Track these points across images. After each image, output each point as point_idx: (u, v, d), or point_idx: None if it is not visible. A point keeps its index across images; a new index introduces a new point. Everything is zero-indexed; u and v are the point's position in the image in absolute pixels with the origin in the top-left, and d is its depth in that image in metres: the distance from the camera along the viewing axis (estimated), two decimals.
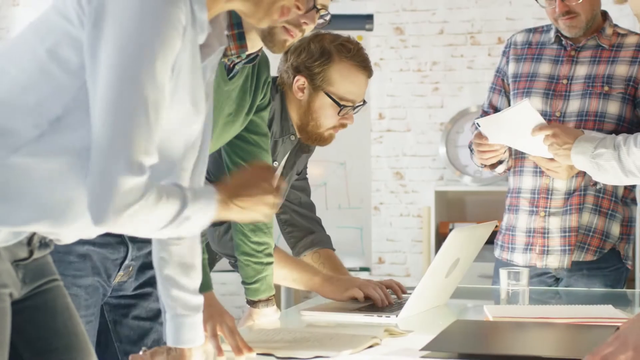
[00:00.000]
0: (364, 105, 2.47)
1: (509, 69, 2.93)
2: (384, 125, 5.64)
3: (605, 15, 2.82)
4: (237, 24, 2.08)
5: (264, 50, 2.19)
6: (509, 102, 2.93)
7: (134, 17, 1.50)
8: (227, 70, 2.15)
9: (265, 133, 2.36)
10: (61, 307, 1.74)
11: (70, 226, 1.62)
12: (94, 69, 1.52)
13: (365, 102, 2.48)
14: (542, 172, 2.79)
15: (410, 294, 2.33)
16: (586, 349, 1.68)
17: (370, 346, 1.89)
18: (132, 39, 1.50)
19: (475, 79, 5.43)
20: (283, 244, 2.69)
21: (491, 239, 2.95)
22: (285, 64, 2.49)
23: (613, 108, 2.76)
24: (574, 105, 2.78)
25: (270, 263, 2.36)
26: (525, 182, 2.88)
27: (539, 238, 2.84)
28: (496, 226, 2.95)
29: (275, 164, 2.50)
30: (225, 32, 1.75)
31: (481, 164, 2.83)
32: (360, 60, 2.44)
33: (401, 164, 5.72)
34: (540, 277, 2.86)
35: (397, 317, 2.24)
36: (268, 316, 2.35)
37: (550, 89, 2.83)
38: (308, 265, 2.57)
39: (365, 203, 5.54)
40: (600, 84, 2.77)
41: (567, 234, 2.80)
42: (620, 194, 2.81)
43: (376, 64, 5.55)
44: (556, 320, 2.14)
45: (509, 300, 2.44)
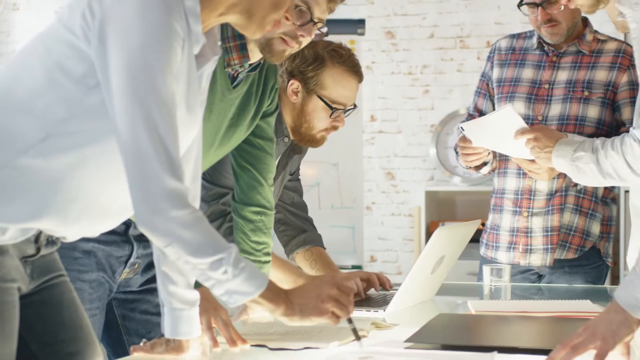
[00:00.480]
0: (354, 109, 2.53)
1: (493, 74, 2.98)
2: (375, 126, 5.67)
3: (585, 22, 2.88)
4: (239, 35, 2.11)
5: None
6: (493, 106, 2.99)
7: (136, 29, 1.56)
8: (231, 79, 2.18)
9: (271, 138, 2.39)
10: (67, 301, 1.80)
11: (74, 224, 1.69)
12: (107, 83, 1.58)
13: (356, 106, 2.53)
14: (525, 174, 2.85)
15: (397, 289, 2.38)
16: (562, 341, 1.73)
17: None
18: (138, 53, 1.56)
19: (464, 82, 5.44)
20: (275, 241, 2.75)
21: (477, 238, 3.02)
22: (280, 69, 2.53)
23: (593, 112, 2.82)
24: (555, 109, 2.84)
25: (267, 262, 2.40)
26: (509, 184, 2.93)
27: (522, 237, 2.90)
28: (482, 224, 3.03)
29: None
30: (218, 43, 1.81)
31: (466, 166, 2.89)
32: (352, 65, 2.48)
33: (392, 165, 5.73)
34: (524, 274, 2.93)
35: (385, 312, 2.29)
36: (260, 312, 2.40)
37: (532, 93, 2.88)
38: (294, 267, 2.61)
39: (358, 203, 5.53)
40: (580, 89, 2.83)
41: (549, 233, 2.86)
42: (600, 194, 2.88)
43: (368, 67, 5.58)
44: (536, 314, 2.20)
45: (491, 295, 2.50)
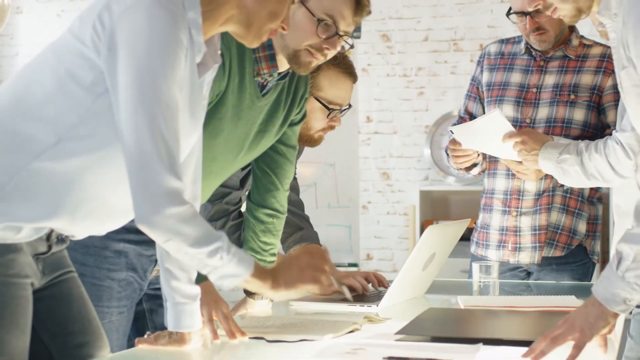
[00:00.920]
0: (349, 109, 2.58)
1: (483, 78, 3.04)
2: (371, 127, 5.69)
3: (572, 28, 2.93)
4: (268, 45, 2.19)
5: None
6: (483, 109, 3.05)
7: (144, 39, 1.64)
8: (260, 88, 2.24)
9: (294, 146, 2.45)
10: (76, 296, 1.90)
11: (84, 223, 1.78)
12: (115, 90, 1.67)
13: (351, 106, 2.59)
14: (514, 175, 2.91)
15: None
16: (544, 333, 1.81)
17: (351, 331, 2.03)
18: (145, 61, 1.64)
19: (458, 84, 5.45)
20: None
21: (468, 236, 3.11)
22: None
23: (579, 115, 2.88)
24: (542, 112, 2.91)
25: (272, 261, 2.46)
26: (498, 184, 3.00)
27: (512, 236, 2.96)
28: (474, 222, 3.12)
29: None
30: (218, 52, 1.89)
31: (456, 167, 2.95)
32: (346, 67, 2.54)
33: (388, 165, 5.74)
34: (513, 272, 3.00)
35: (377, 307, 2.36)
36: (261, 307, 2.48)
37: (520, 97, 2.94)
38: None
39: (354, 202, 5.57)
40: (567, 93, 2.89)
41: (537, 232, 2.93)
42: (587, 194, 2.95)
43: (364, 69, 5.61)
44: (522, 308, 2.28)
45: (480, 291, 2.57)
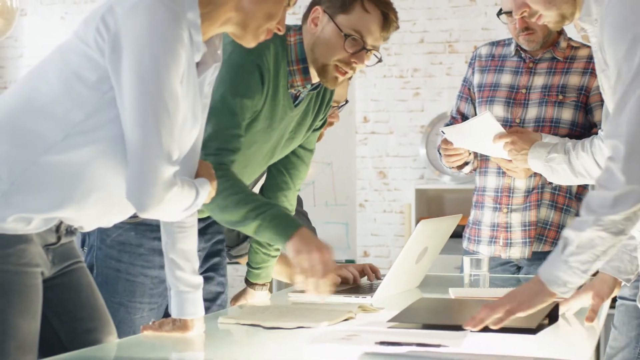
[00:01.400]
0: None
1: (474, 79, 3.14)
2: (368, 127, 5.73)
3: (560, 30, 3.01)
4: (302, 59, 2.29)
5: None
6: (474, 109, 3.14)
7: (147, 38, 1.73)
8: (293, 98, 2.34)
9: (312, 149, 2.54)
10: (84, 285, 1.99)
11: (90, 212, 1.87)
12: (119, 85, 1.76)
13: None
14: (505, 173, 3.00)
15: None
16: (527, 320, 1.93)
17: (346, 319, 2.11)
18: (149, 55, 1.73)
19: (453, 85, 5.47)
20: None
21: (461, 233, 3.20)
22: None
23: (567, 115, 2.97)
24: (532, 112, 3.00)
25: (275, 256, 2.56)
26: (489, 182, 3.09)
27: (502, 232, 3.05)
28: (466, 218, 3.19)
29: None
30: (219, 51, 1.97)
31: (449, 166, 3.04)
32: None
33: (384, 164, 5.79)
34: (504, 266, 3.09)
35: (372, 298, 2.43)
36: (260, 298, 2.57)
37: (511, 97, 3.04)
38: (289, 259, 2.76)
39: (351, 200, 5.62)
40: (555, 93, 2.99)
41: (527, 228, 3.02)
42: (575, 191, 3.04)
43: (361, 70, 5.61)
44: None
45: (471, 284, 2.66)
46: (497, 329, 1.92)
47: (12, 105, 1.83)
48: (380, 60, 2.35)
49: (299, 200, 2.88)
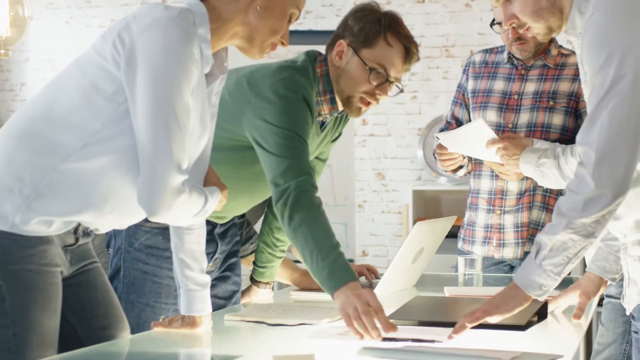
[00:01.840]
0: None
1: (468, 85, 3.23)
2: (367, 130, 5.77)
3: (551, 38, 3.12)
4: (330, 90, 2.38)
5: None
6: (469, 114, 3.23)
7: (161, 54, 1.83)
8: (320, 124, 2.44)
9: (326, 159, 2.62)
10: (100, 284, 2.09)
11: (108, 216, 1.97)
12: (133, 97, 1.85)
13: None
14: (498, 176, 3.07)
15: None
16: (516, 317, 2.01)
17: None
18: (162, 70, 1.83)
19: (449, 89, 5.48)
20: None
21: (456, 233, 3.29)
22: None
23: (558, 120, 3.06)
24: (524, 117, 3.09)
25: (280, 257, 2.65)
26: (483, 184, 3.18)
27: (496, 233, 3.14)
28: (460, 219, 3.27)
29: None
30: (225, 64, 2.08)
31: (444, 169, 3.12)
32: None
33: (383, 166, 5.81)
34: (498, 266, 3.17)
35: None
36: (263, 295, 2.67)
37: (503, 103, 3.12)
38: (290, 262, 2.83)
39: (350, 201, 5.61)
40: (546, 99, 3.07)
41: (520, 229, 3.11)
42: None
43: None
44: None
45: (465, 283, 2.76)
46: (488, 326, 2.00)
47: (34, 114, 1.93)
48: (401, 91, 2.42)
49: None
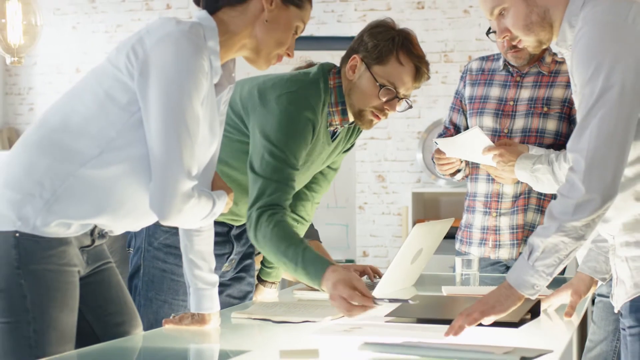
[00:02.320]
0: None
1: (465, 92, 3.30)
2: (367, 133, 5.77)
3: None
4: (342, 102, 2.44)
5: None
6: (466, 120, 3.31)
7: (172, 67, 1.92)
8: (331, 134, 2.49)
9: (337, 168, 2.68)
10: (114, 283, 2.17)
11: (123, 220, 2.05)
12: (146, 107, 1.94)
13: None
14: (494, 180, 3.15)
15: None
16: (510, 315, 2.06)
17: None
18: (174, 82, 1.92)
19: (448, 93, 5.53)
20: None
21: (454, 235, 3.36)
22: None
23: (551, 125, 3.15)
24: (519, 123, 3.17)
25: None
26: (479, 188, 3.25)
27: (492, 234, 3.22)
28: (458, 221, 3.34)
29: None
30: (233, 74, 2.16)
31: (442, 173, 3.20)
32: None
33: (383, 168, 5.87)
34: (494, 266, 3.25)
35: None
36: (269, 294, 2.74)
37: (499, 109, 3.21)
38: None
39: (351, 203, 5.65)
40: (540, 105, 3.16)
41: (515, 231, 3.19)
42: None
43: None
44: None
45: (462, 282, 2.84)
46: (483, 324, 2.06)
47: (53, 123, 2.02)
48: (410, 107, 2.49)
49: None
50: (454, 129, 3.35)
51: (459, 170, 3.23)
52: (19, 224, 1.96)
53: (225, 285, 2.67)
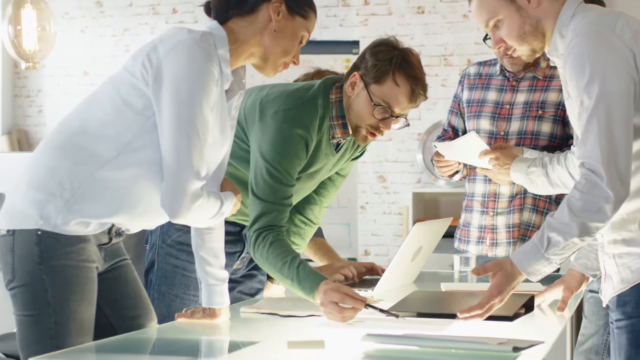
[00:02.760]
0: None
1: (463, 96, 3.39)
2: None
3: None
4: (342, 116, 2.50)
5: None
6: (464, 122, 3.39)
7: (184, 73, 2.02)
8: (335, 145, 2.56)
9: (346, 175, 2.75)
10: (130, 279, 2.27)
11: (138, 219, 2.15)
12: (160, 111, 2.04)
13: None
14: (491, 180, 3.22)
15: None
16: (504, 309, 2.18)
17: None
18: (185, 88, 2.01)
19: (448, 95, 5.51)
20: None
21: (453, 233, 3.43)
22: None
23: (546, 128, 3.22)
24: (515, 126, 3.25)
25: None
26: (477, 188, 3.33)
27: (489, 233, 3.29)
28: (457, 221, 3.42)
29: None
30: (243, 80, 2.26)
31: (441, 175, 3.28)
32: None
33: (384, 169, 5.92)
34: None
35: (373, 291, 2.64)
36: (276, 291, 2.83)
37: (496, 112, 3.28)
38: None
39: (353, 202, 5.67)
40: (535, 109, 3.24)
41: (511, 229, 3.26)
42: (554, 196, 3.26)
43: None
44: None
45: (460, 279, 2.91)
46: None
47: (73, 128, 2.12)
48: (407, 125, 2.55)
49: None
50: (452, 131, 3.43)
51: (457, 172, 3.30)
52: (41, 222, 2.06)
53: (237, 282, 2.76)
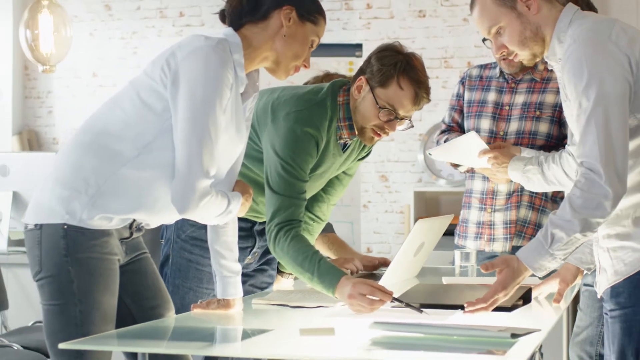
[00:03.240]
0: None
1: (464, 96, 3.49)
2: None
3: None
4: (349, 117, 2.60)
5: None
6: (463, 121, 3.49)
7: (200, 78, 2.12)
8: (342, 145, 2.66)
9: (352, 174, 2.83)
10: (150, 271, 2.37)
11: (158, 215, 2.26)
12: (175, 112, 2.14)
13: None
14: (489, 178, 3.31)
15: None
16: (506, 300, 2.26)
17: None
18: (200, 91, 2.11)
19: (448, 97, 5.07)
20: None
21: (454, 231, 3.51)
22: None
23: (543, 128, 3.32)
24: (513, 126, 3.35)
25: None
26: (476, 185, 3.43)
27: (487, 229, 3.39)
28: (457, 218, 3.50)
29: None
30: (257, 83, 2.36)
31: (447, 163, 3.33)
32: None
33: (386, 169, 5.98)
34: (489, 259, 3.27)
35: None
36: (286, 284, 2.92)
37: (496, 113, 3.38)
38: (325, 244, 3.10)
39: (355, 201, 5.74)
40: (533, 109, 3.33)
41: (508, 225, 3.35)
42: (550, 194, 3.37)
43: None
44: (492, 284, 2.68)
45: (461, 274, 3.01)
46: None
47: (97, 128, 2.23)
48: (412, 126, 2.65)
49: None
50: (457, 126, 3.51)
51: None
52: (67, 217, 2.17)
53: (249, 276, 2.85)
